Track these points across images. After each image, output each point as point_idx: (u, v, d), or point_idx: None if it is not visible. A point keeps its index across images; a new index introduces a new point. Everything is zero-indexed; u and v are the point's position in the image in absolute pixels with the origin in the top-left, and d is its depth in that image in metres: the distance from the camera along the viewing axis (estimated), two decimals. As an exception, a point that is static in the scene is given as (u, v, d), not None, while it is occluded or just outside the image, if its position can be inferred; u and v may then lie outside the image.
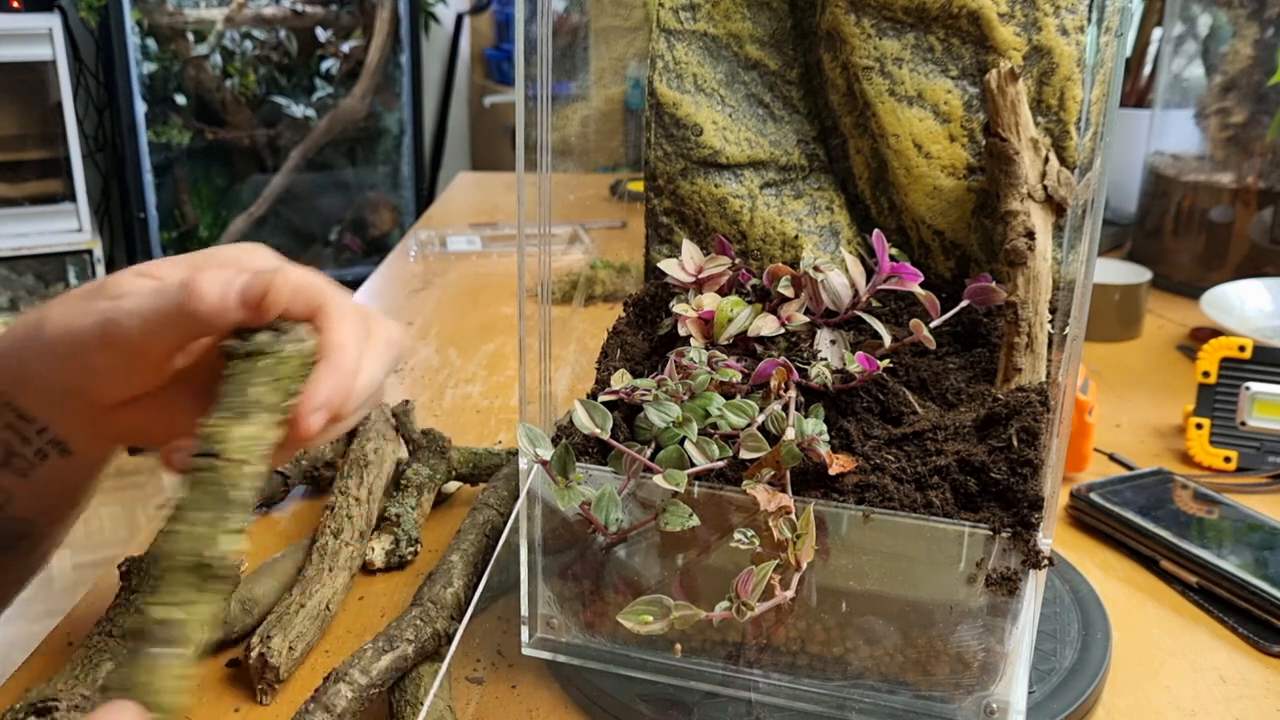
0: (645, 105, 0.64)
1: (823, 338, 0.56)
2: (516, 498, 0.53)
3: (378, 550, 0.66)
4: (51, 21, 2.37)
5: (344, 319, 0.44)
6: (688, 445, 0.49)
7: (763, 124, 0.64)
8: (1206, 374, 0.84)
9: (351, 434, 0.77)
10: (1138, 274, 1.12)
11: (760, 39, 0.64)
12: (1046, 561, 0.47)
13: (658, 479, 0.47)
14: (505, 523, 0.64)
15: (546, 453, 0.49)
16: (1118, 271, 1.13)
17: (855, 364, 0.52)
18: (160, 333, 0.44)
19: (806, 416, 0.50)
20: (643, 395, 0.51)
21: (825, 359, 0.54)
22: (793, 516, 0.46)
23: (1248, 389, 0.82)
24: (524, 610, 0.54)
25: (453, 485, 0.76)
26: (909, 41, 0.59)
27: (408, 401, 0.78)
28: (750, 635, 0.51)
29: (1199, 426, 0.83)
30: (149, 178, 2.70)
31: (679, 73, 0.63)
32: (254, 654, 0.54)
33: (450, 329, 1.13)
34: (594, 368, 0.59)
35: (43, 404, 0.49)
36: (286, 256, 0.48)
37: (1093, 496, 0.74)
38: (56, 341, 0.46)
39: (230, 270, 0.44)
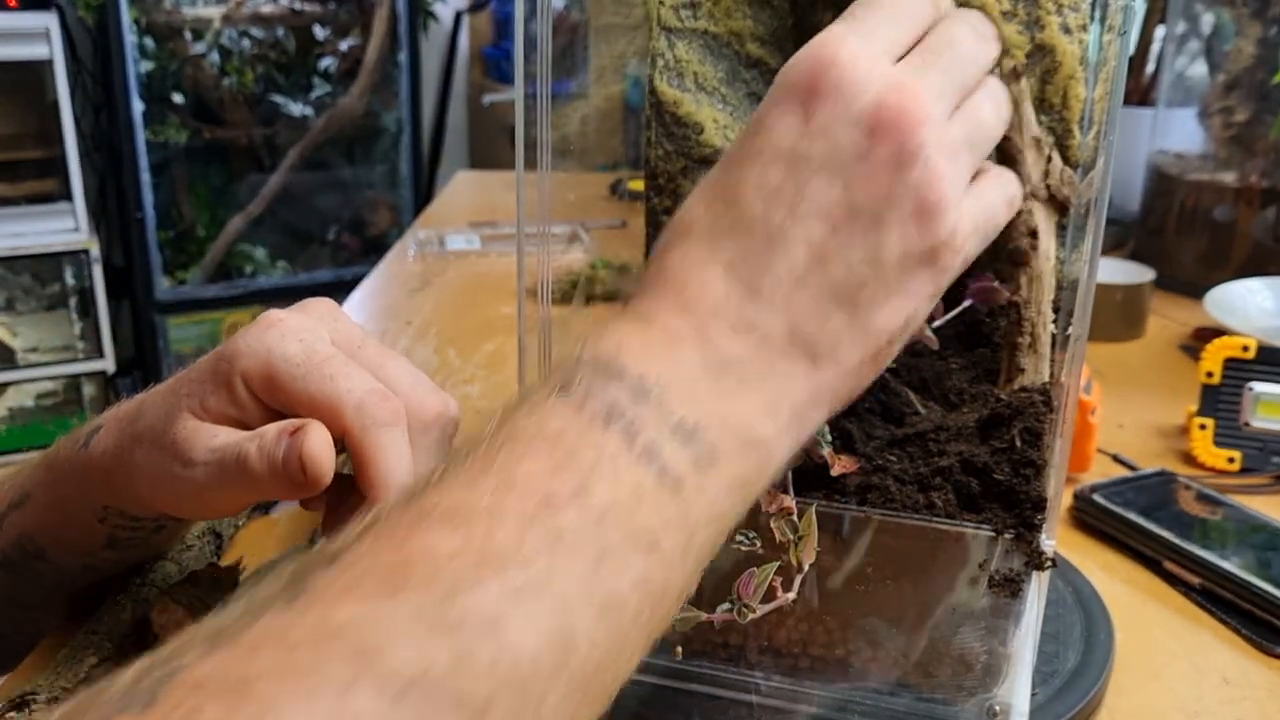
0: (645, 103, 0.64)
1: (824, 338, 0.56)
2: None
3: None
4: (48, 20, 2.37)
5: (384, 454, 0.43)
6: (688, 446, 0.48)
7: (764, 122, 0.63)
8: (1210, 374, 0.84)
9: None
10: (1141, 273, 1.12)
11: (762, 37, 0.63)
12: (1049, 563, 0.46)
13: (658, 480, 0.46)
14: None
15: (546, 454, 0.49)
16: (1121, 271, 1.13)
17: (857, 364, 0.52)
18: (237, 494, 0.44)
19: (808, 417, 0.50)
20: (643, 396, 0.51)
21: (827, 359, 0.54)
22: (794, 517, 0.46)
23: (1251, 389, 0.82)
24: (523, 612, 0.54)
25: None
26: (911, 39, 0.59)
27: None
28: (751, 637, 0.50)
29: (1202, 427, 0.83)
30: (146, 177, 2.70)
31: (680, 71, 0.63)
32: None
33: (449, 329, 1.13)
34: (594, 368, 0.58)
35: (153, 493, 0.47)
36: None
37: (1096, 497, 0.73)
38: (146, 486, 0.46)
39: (277, 428, 0.43)
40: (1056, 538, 0.47)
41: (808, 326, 0.37)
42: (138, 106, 2.67)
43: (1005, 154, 0.55)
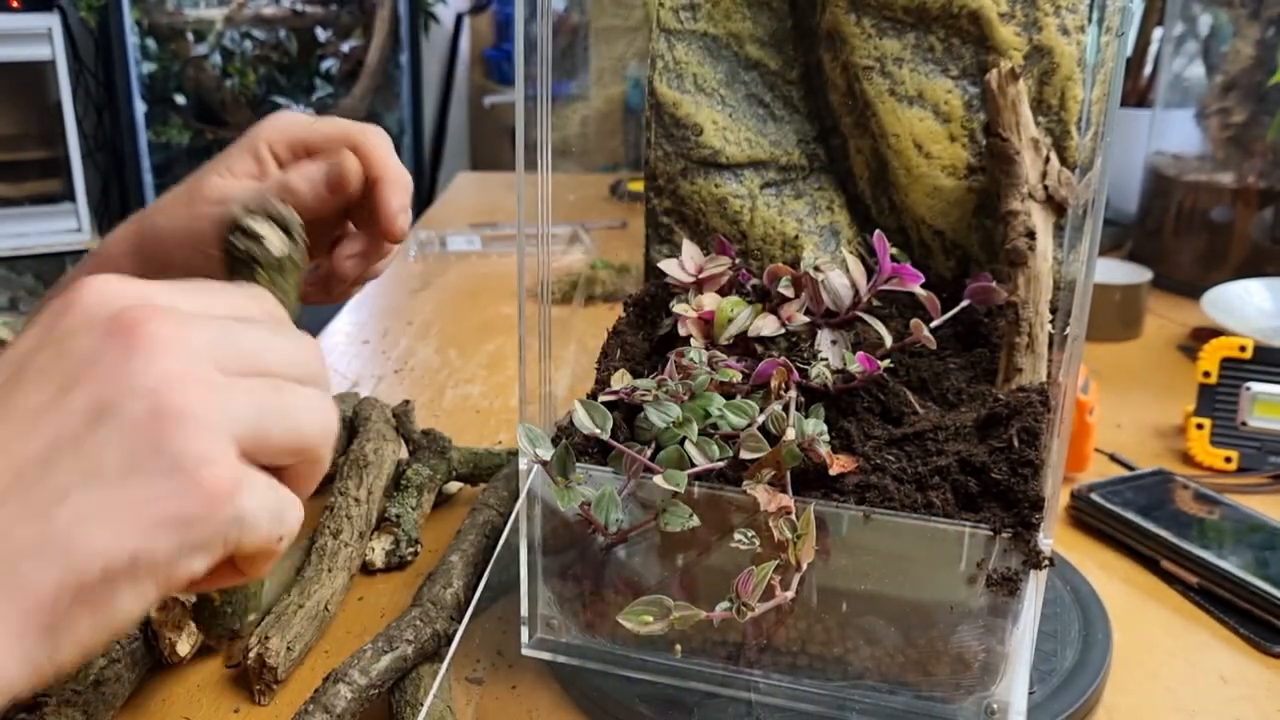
0: (645, 105, 0.64)
1: (823, 338, 0.56)
2: (517, 498, 0.53)
3: (378, 551, 0.66)
4: (51, 21, 2.37)
5: (380, 147, 0.57)
6: (688, 445, 0.49)
7: (763, 124, 0.64)
8: (1207, 374, 0.84)
9: (351, 434, 0.77)
10: (1138, 274, 1.12)
11: (760, 39, 0.64)
12: (1047, 562, 0.47)
13: (658, 479, 0.47)
14: (505, 523, 0.64)
15: (546, 453, 0.49)
16: (1119, 271, 1.13)
17: (856, 364, 0.52)
18: None
19: (807, 417, 0.50)
20: (643, 395, 0.51)
21: (825, 359, 0.54)
22: (793, 517, 0.46)
23: (1248, 389, 0.82)
24: (524, 610, 0.54)
25: (454, 486, 0.76)
26: (909, 41, 0.59)
27: (408, 402, 0.78)
28: (750, 635, 0.50)
29: (1200, 427, 0.83)
30: (148, 177, 2.70)
31: (679, 72, 0.63)
32: (252, 654, 0.54)
33: (450, 329, 1.13)
34: (594, 368, 0.59)
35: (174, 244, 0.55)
36: None
37: (1093, 497, 0.74)
38: (174, 246, 0.55)
39: (310, 166, 0.55)
40: (1054, 537, 0.48)
41: None
42: (140, 107, 2.67)
43: (1003, 155, 0.56)
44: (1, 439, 0.32)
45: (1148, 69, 1.43)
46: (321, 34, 2.99)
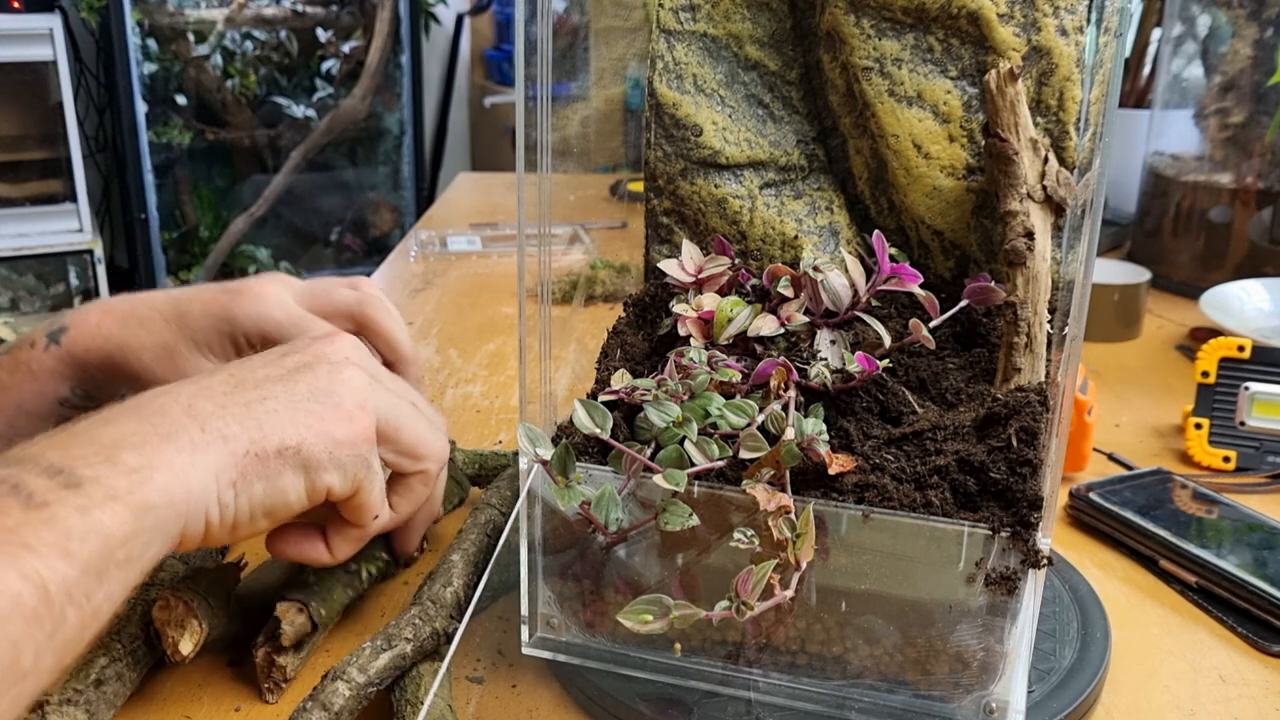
0: (645, 106, 0.64)
1: (822, 338, 0.56)
2: (518, 497, 0.53)
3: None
4: (52, 22, 2.37)
5: (386, 324, 0.66)
6: (688, 445, 0.49)
7: (762, 124, 0.64)
8: (1206, 374, 0.84)
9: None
10: (1137, 274, 1.12)
11: (760, 39, 0.64)
12: (1046, 561, 0.47)
13: (658, 479, 0.47)
14: (507, 522, 0.64)
15: (546, 452, 0.49)
16: (1117, 271, 1.13)
17: (855, 364, 0.52)
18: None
19: (806, 416, 0.50)
20: (643, 395, 0.51)
21: (825, 359, 0.54)
22: (792, 516, 0.46)
23: (1247, 389, 0.82)
24: (524, 610, 0.54)
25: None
26: (908, 42, 0.59)
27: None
28: (750, 635, 0.51)
29: (1198, 426, 0.83)
30: (149, 178, 2.70)
31: (679, 73, 0.63)
32: (260, 653, 0.54)
33: (450, 329, 1.13)
34: (594, 368, 0.59)
35: (151, 365, 0.61)
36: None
37: (1092, 496, 0.74)
38: (210, 329, 0.61)
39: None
40: (1053, 536, 0.48)
41: (205, 406, 0.45)
42: (141, 108, 2.67)
43: (1002, 156, 0.56)
44: (235, 370, 0.48)
45: (1146, 69, 1.43)
46: (322, 34, 3.00)
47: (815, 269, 0.57)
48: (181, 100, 2.82)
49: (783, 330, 0.56)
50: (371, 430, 0.50)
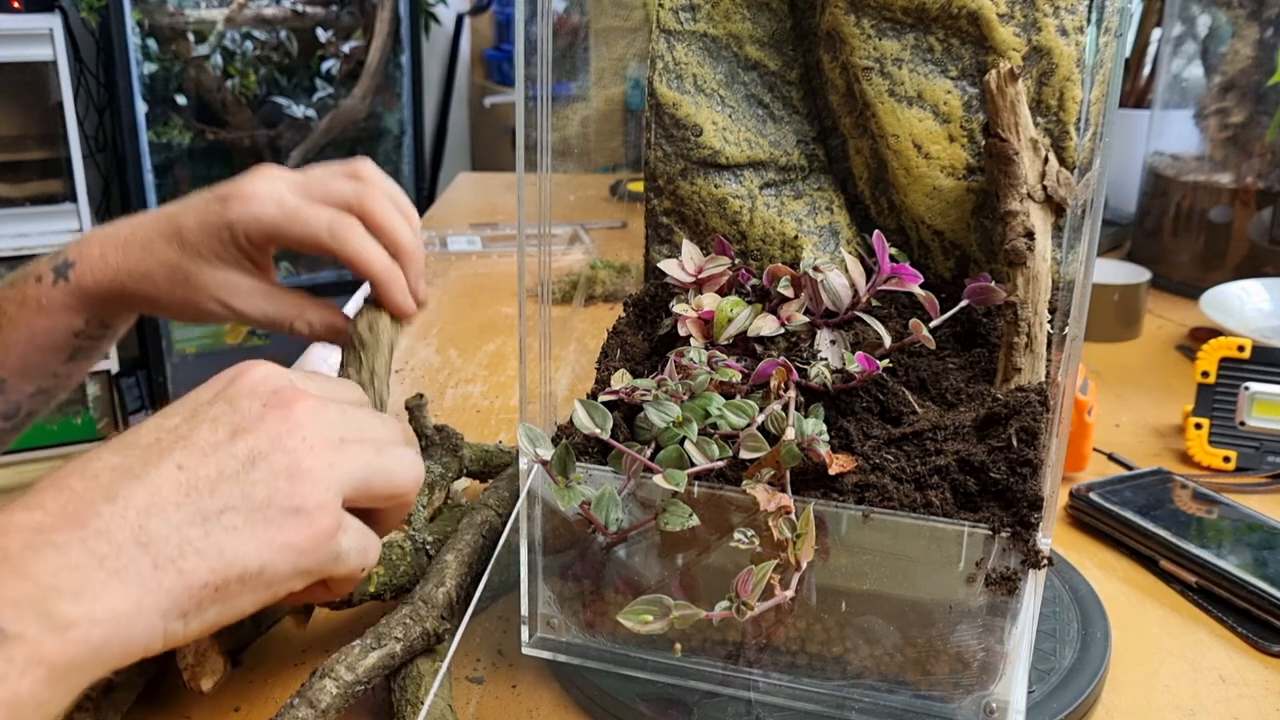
0: (645, 106, 0.64)
1: (823, 338, 0.56)
2: (516, 498, 0.53)
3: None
4: (52, 22, 2.37)
5: (385, 215, 0.59)
6: (688, 445, 0.49)
7: (762, 124, 0.64)
8: (1206, 374, 0.84)
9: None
10: (1137, 274, 1.12)
11: (760, 39, 0.64)
12: (1046, 561, 0.47)
13: (658, 479, 0.47)
14: (503, 523, 0.64)
15: (546, 453, 0.49)
16: (1117, 271, 1.13)
17: (855, 364, 0.52)
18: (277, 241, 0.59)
19: (806, 416, 0.50)
20: (643, 395, 0.51)
21: (825, 359, 0.54)
22: (792, 516, 0.46)
23: (1247, 389, 0.82)
24: (524, 610, 0.54)
25: (461, 483, 0.76)
26: (909, 42, 0.59)
27: (421, 395, 0.78)
28: (750, 635, 0.51)
29: (1198, 426, 0.83)
30: (150, 178, 2.70)
31: (679, 73, 0.63)
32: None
33: (451, 329, 1.13)
34: (594, 368, 0.59)
35: (143, 288, 0.59)
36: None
37: (1092, 496, 0.74)
38: (210, 239, 0.58)
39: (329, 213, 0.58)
40: (1053, 536, 0.48)
41: (159, 530, 0.39)
42: (141, 108, 2.67)
43: (1002, 156, 0.56)
44: (183, 460, 0.41)
45: (1146, 69, 1.43)
46: (322, 35, 2.99)
47: (815, 269, 0.57)
48: (181, 100, 2.82)
49: (783, 330, 0.56)
50: (337, 523, 0.43)
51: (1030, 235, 0.55)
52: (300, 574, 0.42)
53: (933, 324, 0.56)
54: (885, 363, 0.53)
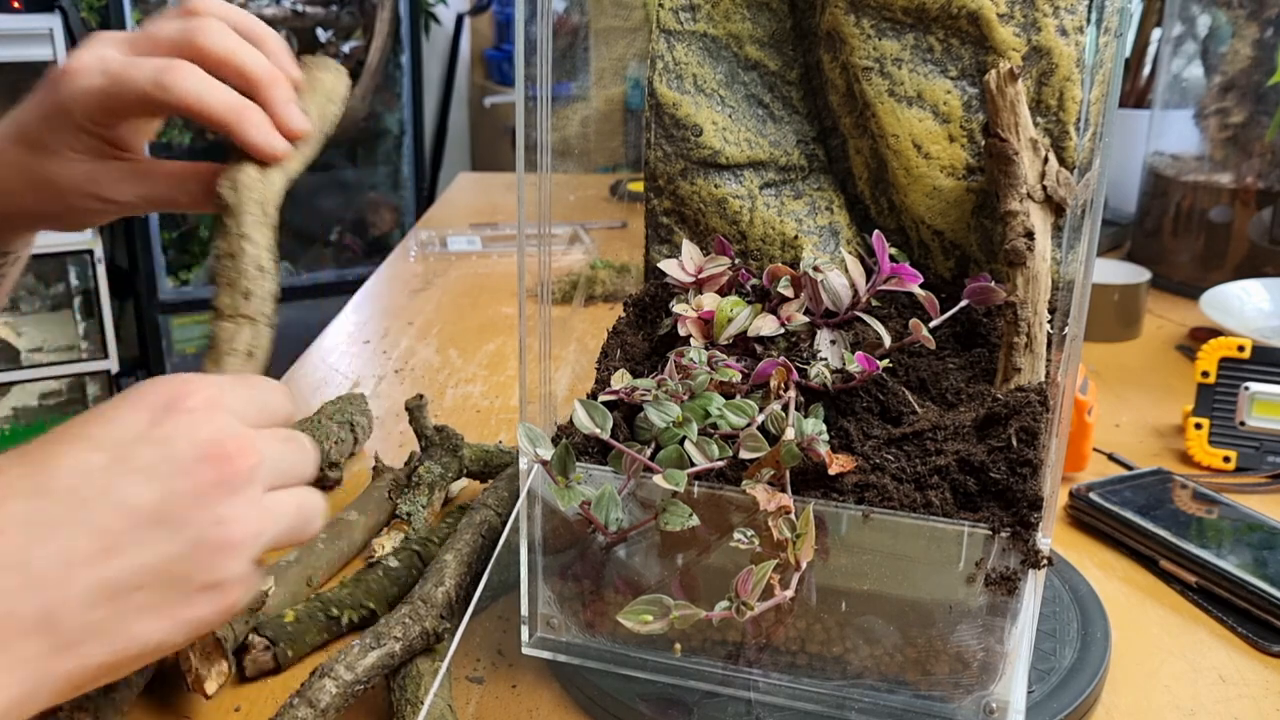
0: (645, 106, 0.64)
1: (822, 338, 0.56)
2: (516, 498, 0.53)
3: (387, 546, 0.66)
4: (52, 22, 2.37)
5: (233, 54, 0.52)
6: (688, 445, 0.49)
7: (762, 124, 0.64)
8: (1206, 374, 0.84)
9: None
10: (1137, 274, 1.12)
11: (760, 39, 0.64)
12: (1046, 561, 0.47)
13: (658, 479, 0.47)
14: (502, 523, 0.64)
15: (546, 453, 0.49)
16: (1117, 271, 1.13)
17: (855, 364, 0.52)
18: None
19: (806, 416, 0.50)
20: (643, 395, 0.51)
21: (825, 359, 0.54)
22: (792, 516, 0.46)
23: (1247, 389, 0.82)
24: (524, 610, 0.54)
25: (459, 484, 0.76)
26: (908, 42, 0.59)
27: (421, 396, 0.78)
28: (750, 635, 0.51)
29: (1198, 426, 0.83)
30: (149, 178, 2.70)
31: (679, 73, 0.63)
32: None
33: (450, 329, 1.13)
34: (594, 368, 0.59)
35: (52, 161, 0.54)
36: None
37: (1092, 496, 0.74)
38: (56, 132, 0.53)
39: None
40: (1053, 536, 0.48)
41: (64, 611, 0.36)
42: (140, 108, 2.67)
43: (1002, 156, 0.56)
44: (104, 521, 0.37)
45: (1146, 69, 1.43)
46: (322, 35, 2.99)
47: (815, 269, 0.57)
48: (181, 100, 2.82)
49: (783, 330, 0.56)
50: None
51: (1030, 235, 0.55)
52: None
53: (933, 324, 0.56)
54: (885, 363, 0.53)
